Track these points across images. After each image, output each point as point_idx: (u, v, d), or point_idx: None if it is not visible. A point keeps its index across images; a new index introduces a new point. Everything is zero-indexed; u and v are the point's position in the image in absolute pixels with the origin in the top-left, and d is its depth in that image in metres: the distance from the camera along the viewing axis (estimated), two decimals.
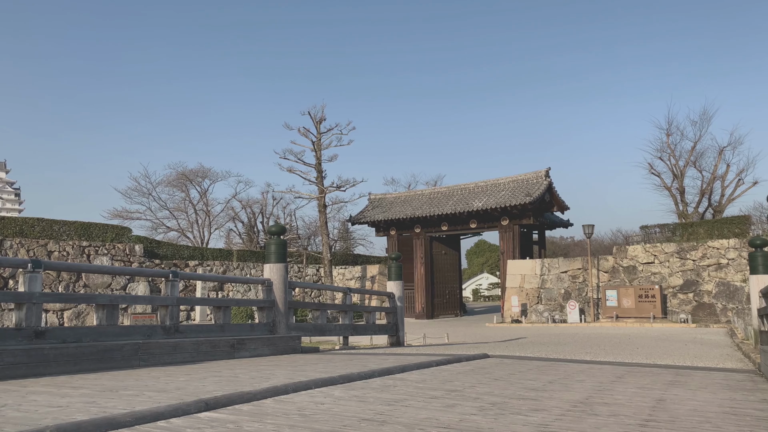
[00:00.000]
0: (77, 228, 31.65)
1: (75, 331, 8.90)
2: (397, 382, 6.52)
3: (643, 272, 31.35)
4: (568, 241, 79.97)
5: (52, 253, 29.67)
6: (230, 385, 6.04)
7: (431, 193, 43.11)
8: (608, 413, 4.64)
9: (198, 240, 55.06)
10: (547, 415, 4.52)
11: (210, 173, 56.96)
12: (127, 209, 54.11)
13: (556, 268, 34.08)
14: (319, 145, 41.12)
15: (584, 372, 8.02)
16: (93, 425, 3.76)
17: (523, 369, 8.27)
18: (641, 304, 29.89)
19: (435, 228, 40.23)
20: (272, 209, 58.40)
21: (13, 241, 28.56)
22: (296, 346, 11.82)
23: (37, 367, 7.32)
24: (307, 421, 4.18)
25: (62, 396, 5.38)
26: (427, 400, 5.21)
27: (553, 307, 33.24)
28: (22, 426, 3.84)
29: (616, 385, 6.61)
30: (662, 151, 43.85)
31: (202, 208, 56.64)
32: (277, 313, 12.31)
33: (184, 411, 4.38)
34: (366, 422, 4.13)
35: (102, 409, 4.58)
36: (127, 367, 8.23)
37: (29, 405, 4.84)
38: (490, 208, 36.72)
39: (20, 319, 8.16)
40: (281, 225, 13.24)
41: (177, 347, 9.29)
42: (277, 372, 7.52)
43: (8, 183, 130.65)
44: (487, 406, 4.87)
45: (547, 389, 6.06)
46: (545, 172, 37.40)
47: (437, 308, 41.06)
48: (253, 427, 3.96)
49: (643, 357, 13.15)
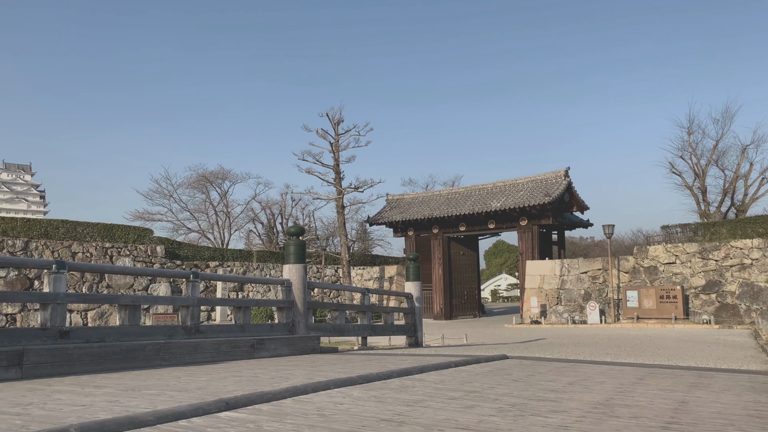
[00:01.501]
0: (100, 229, 32.12)
1: (98, 331, 9.04)
2: (415, 382, 6.52)
3: (664, 273, 30.93)
4: (588, 241, 79.27)
5: (76, 254, 30.14)
6: (250, 385, 6.09)
7: (449, 193, 42.99)
8: (629, 415, 4.59)
9: (218, 241, 55.54)
10: (566, 416, 4.49)
11: (230, 175, 57.54)
12: (148, 211, 54.86)
13: (575, 268, 33.78)
14: (337, 147, 41.23)
15: (604, 373, 7.94)
16: (116, 424, 3.82)
17: (543, 370, 8.21)
18: (662, 304, 29.50)
19: (453, 228, 40.10)
20: (291, 210, 58.77)
21: (38, 243, 29.08)
22: (315, 346, 11.87)
23: (62, 366, 7.44)
24: (326, 421, 4.20)
25: (86, 395, 5.47)
26: (445, 401, 5.20)
27: (572, 308, 32.95)
28: (47, 424, 3.92)
29: (637, 386, 6.54)
30: (683, 149, 43.28)
31: (222, 209, 57.18)
32: (296, 314, 12.37)
33: (204, 410, 4.42)
34: (385, 423, 4.14)
35: (125, 408, 4.65)
36: (149, 366, 8.33)
37: (54, 404, 4.93)
38: (508, 209, 36.50)
39: (45, 319, 8.31)
40: (300, 226, 13.30)
41: (198, 347, 9.38)
42: (297, 372, 7.56)
43: (33, 185, 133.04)
44: (506, 408, 4.85)
45: (567, 391, 6.01)
46: (564, 172, 37.08)
47: (456, 309, 40.93)
48: (273, 426, 3.99)
49: (665, 358, 12.99)
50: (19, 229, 29.37)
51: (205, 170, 56.72)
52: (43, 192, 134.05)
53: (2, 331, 7.97)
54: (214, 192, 57.23)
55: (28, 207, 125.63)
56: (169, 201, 55.79)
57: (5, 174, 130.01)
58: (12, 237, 28.64)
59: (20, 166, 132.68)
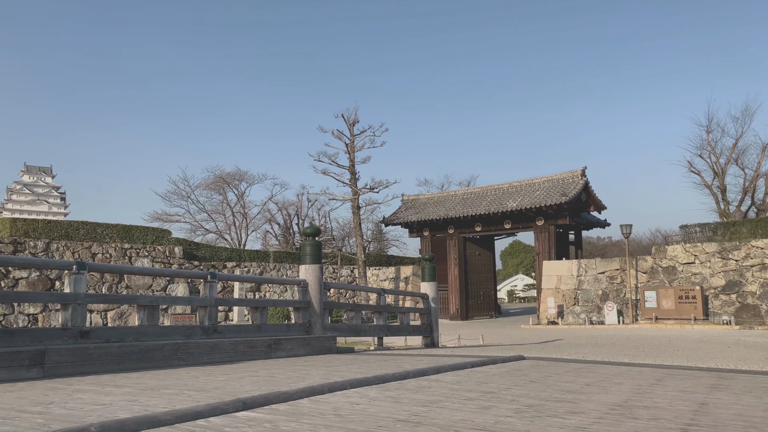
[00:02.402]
0: (119, 230, 32.51)
1: (118, 331, 9.15)
2: (431, 383, 6.51)
3: (683, 273, 30.56)
4: (605, 241, 78.63)
5: (96, 255, 30.53)
6: (267, 385, 6.12)
7: (464, 193, 42.87)
8: (648, 417, 4.55)
9: (235, 242, 55.93)
10: (584, 418, 4.46)
11: (247, 176, 57.90)
12: (166, 212, 55.42)
13: (593, 268, 33.50)
14: (352, 147, 41.31)
15: (623, 374, 7.87)
16: (135, 423, 3.87)
17: (560, 371, 8.16)
18: (681, 305, 29.15)
19: (469, 229, 39.97)
20: (307, 211, 59.01)
21: (59, 244, 29.51)
22: (331, 347, 11.90)
23: (83, 365, 7.54)
24: (343, 421, 4.21)
25: (106, 394, 5.54)
26: (462, 401, 5.19)
27: (590, 309, 32.69)
28: (68, 423, 3.98)
29: (655, 388, 6.47)
30: (702, 148, 42.74)
31: (239, 210, 57.57)
32: (312, 314, 12.42)
33: (222, 410, 4.46)
34: (401, 423, 4.15)
35: (144, 407, 4.70)
36: (168, 366, 8.41)
37: (75, 403, 5.00)
38: (524, 209, 36.31)
39: (66, 319, 8.43)
40: (316, 226, 13.36)
41: (215, 347, 9.46)
42: (313, 372, 7.59)
43: (54, 188, 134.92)
44: (523, 409, 4.83)
45: (585, 392, 5.97)
46: (581, 171, 36.81)
47: (472, 309, 40.80)
48: (290, 426, 4.01)
49: (684, 359, 12.83)
50: (41, 231, 29.83)
51: (222, 171, 57.22)
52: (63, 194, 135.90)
53: (24, 331, 8.10)
54: (231, 193, 57.71)
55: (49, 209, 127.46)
56: (187, 202, 56.36)
57: (27, 176, 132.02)
58: (34, 238, 29.10)
59: (41, 169, 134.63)
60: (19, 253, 28.21)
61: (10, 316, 26.85)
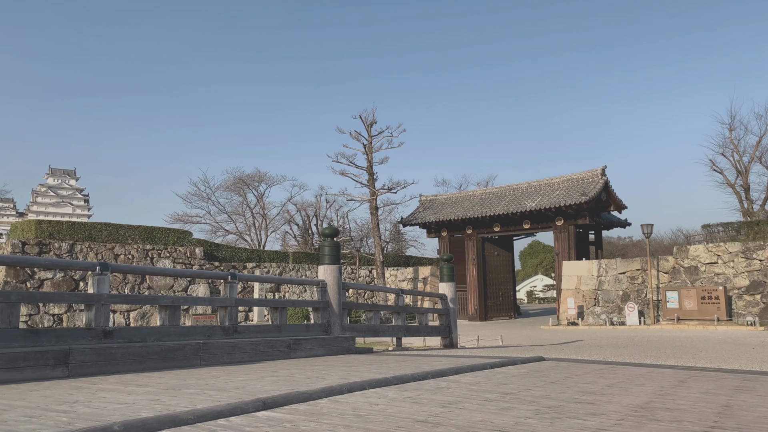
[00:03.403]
0: (141, 232, 32.93)
1: (140, 331, 9.28)
2: (450, 383, 6.50)
3: (705, 273, 30.11)
4: (626, 241, 77.76)
5: (119, 256, 30.96)
6: (287, 385, 6.17)
7: (483, 193, 42.69)
8: (670, 419, 4.50)
9: (255, 242, 56.33)
10: (605, 419, 4.42)
11: (266, 177, 58.30)
12: (187, 213, 56.02)
13: (613, 269, 33.14)
14: (370, 148, 41.36)
15: (644, 376, 7.79)
16: (157, 422, 3.92)
17: (580, 372, 8.10)
18: (704, 305, 28.71)
19: (487, 229, 39.80)
20: (326, 212, 59.24)
21: (83, 245, 30.00)
22: (350, 347, 11.93)
23: (106, 365, 7.66)
24: (362, 421, 4.23)
25: (129, 393, 5.62)
26: (481, 402, 5.18)
27: (610, 309, 32.34)
28: (92, 422, 4.05)
29: (678, 389, 6.40)
30: (724, 146, 42.04)
31: (258, 211, 57.99)
32: (331, 314, 12.47)
33: (242, 410, 4.50)
34: (420, 424, 4.15)
35: (166, 406, 4.76)
36: (189, 366, 8.50)
37: (99, 402, 5.09)
38: (543, 209, 36.06)
39: (90, 319, 8.57)
40: (334, 227, 13.40)
41: (236, 347, 9.54)
42: (332, 372, 7.62)
43: (78, 190, 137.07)
44: (543, 410, 4.80)
45: (606, 393, 5.92)
46: (601, 171, 36.45)
47: (490, 310, 40.61)
48: (309, 426, 4.04)
49: (707, 361, 12.63)
50: (65, 232, 30.35)
51: (241, 173, 57.68)
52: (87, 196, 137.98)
53: (50, 331, 8.24)
54: (251, 194, 58.15)
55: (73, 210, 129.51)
56: (208, 204, 56.93)
57: (51, 179, 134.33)
58: (58, 240, 29.61)
59: (65, 171, 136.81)
60: (45, 254, 28.72)
61: (36, 316, 27.34)
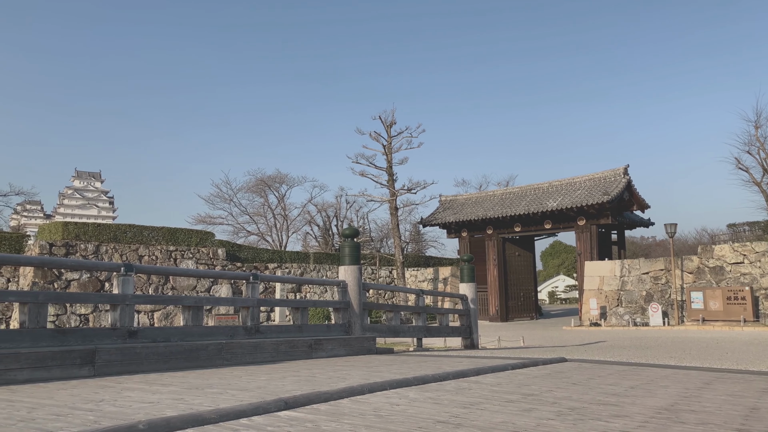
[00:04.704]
0: (164, 233, 33.36)
1: (164, 331, 9.40)
2: (471, 384, 6.48)
3: (731, 273, 29.57)
4: (649, 240, 76.78)
5: (143, 257, 31.40)
6: (308, 385, 6.20)
7: (503, 193, 42.45)
8: (696, 421, 4.44)
9: (276, 243, 56.70)
10: (629, 421, 4.38)
11: (287, 179, 58.67)
12: (210, 215, 56.63)
13: (636, 269, 32.72)
14: (389, 149, 41.37)
15: (669, 377, 7.68)
16: (181, 421, 3.98)
17: (603, 373, 8.01)
18: (730, 306, 28.20)
19: (508, 229, 39.55)
20: (346, 212, 59.39)
21: (108, 246, 30.50)
22: (371, 347, 11.95)
23: (131, 364, 7.78)
24: (383, 421, 4.24)
25: (153, 392, 5.70)
26: (502, 403, 5.15)
27: (633, 310, 31.93)
28: (117, 420, 4.12)
29: (703, 391, 6.30)
30: (750, 144, 41.18)
31: (279, 212, 58.37)
32: (352, 314, 12.50)
33: (264, 409, 4.55)
34: (441, 424, 4.15)
35: (189, 405, 4.83)
36: (212, 366, 8.60)
37: (124, 400, 5.17)
38: (565, 208, 35.73)
39: (115, 319, 8.71)
40: (354, 228, 13.43)
41: (258, 347, 9.62)
42: (353, 372, 7.64)
43: (103, 192, 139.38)
44: (565, 411, 4.77)
45: (629, 395, 5.85)
46: (624, 170, 36.02)
47: (512, 311, 40.36)
48: (331, 426, 4.06)
49: (733, 362, 12.41)
50: (91, 234, 30.88)
51: (263, 175, 58.14)
52: (112, 198, 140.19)
53: (76, 331, 8.40)
54: (272, 196, 58.56)
55: (98, 212, 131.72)
56: (230, 205, 57.48)
57: (77, 182, 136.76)
58: (84, 241, 30.14)
59: (91, 174, 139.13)
60: (71, 255, 29.25)
61: (63, 316, 27.86)
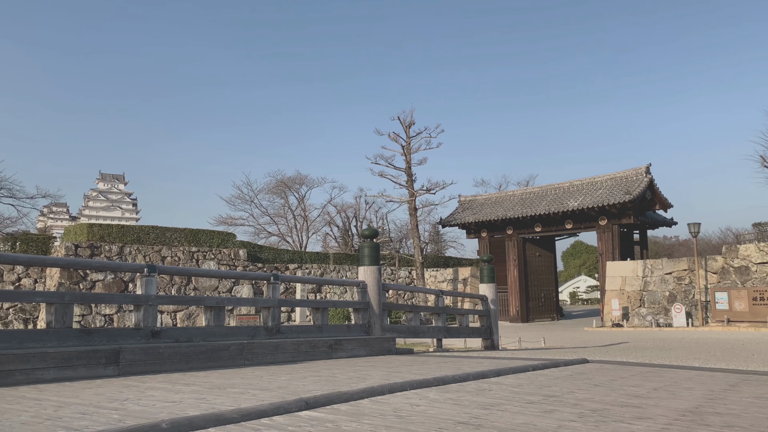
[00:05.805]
0: (187, 234, 33.76)
1: (186, 331, 9.50)
2: (492, 385, 6.46)
3: (757, 273, 29.01)
4: (672, 240, 75.74)
5: (165, 258, 31.81)
6: (328, 385, 6.23)
7: (523, 193, 42.17)
8: (721, 424, 4.37)
9: (297, 244, 57.03)
10: (652, 424, 4.33)
11: (307, 180, 59.05)
12: (231, 216, 57.18)
13: (659, 269, 32.27)
14: (408, 149, 41.36)
15: (693, 379, 7.57)
16: (203, 420, 4.03)
17: (626, 375, 7.92)
18: (756, 307, 27.67)
19: (528, 229, 39.29)
20: (365, 213, 59.53)
21: (132, 248, 30.95)
22: (391, 348, 11.96)
23: (154, 364, 7.88)
24: (403, 422, 4.24)
25: (176, 392, 5.78)
26: (523, 405, 5.13)
27: (656, 311, 31.50)
28: (141, 419, 4.19)
29: (729, 393, 6.20)
30: None
31: (300, 213, 58.72)
32: (371, 315, 12.52)
33: (285, 409, 4.58)
34: (461, 426, 4.14)
35: (211, 405, 4.88)
36: (233, 365, 8.68)
37: (147, 400, 5.25)
38: (586, 208, 35.38)
39: (138, 319, 8.83)
40: (374, 228, 13.45)
41: (278, 347, 9.68)
42: (373, 373, 7.66)
43: (127, 194, 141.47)
44: (587, 413, 4.73)
45: (652, 396, 5.78)
46: (646, 169, 35.56)
47: (532, 311, 40.07)
48: (351, 426, 4.07)
49: (760, 364, 12.18)
50: (115, 235, 31.36)
51: (283, 176, 58.61)
52: (135, 200, 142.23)
53: (101, 331, 8.53)
54: (292, 197, 58.95)
55: (122, 214, 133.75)
56: (251, 206, 58.00)
57: (102, 184, 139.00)
58: (108, 242, 30.62)
59: (115, 176, 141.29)
60: (96, 256, 29.74)
61: (89, 316, 28.33)
